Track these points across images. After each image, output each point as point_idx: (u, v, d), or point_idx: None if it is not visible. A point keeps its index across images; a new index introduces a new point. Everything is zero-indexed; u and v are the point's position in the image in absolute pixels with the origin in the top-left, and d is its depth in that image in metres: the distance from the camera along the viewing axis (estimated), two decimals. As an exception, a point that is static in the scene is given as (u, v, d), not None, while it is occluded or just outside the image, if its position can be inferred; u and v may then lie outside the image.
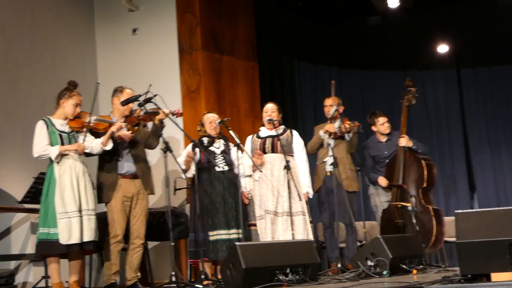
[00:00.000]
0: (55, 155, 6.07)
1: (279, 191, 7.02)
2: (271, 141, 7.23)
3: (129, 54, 9.23)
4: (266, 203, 7.00)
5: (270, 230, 6.90)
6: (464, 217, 4.45)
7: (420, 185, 7.79)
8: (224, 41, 9.42)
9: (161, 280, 7.96)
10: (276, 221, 6.96)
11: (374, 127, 8.38)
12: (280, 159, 7.12)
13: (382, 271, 5.97)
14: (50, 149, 6.09)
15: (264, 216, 6.97)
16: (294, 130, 7.50)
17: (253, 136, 7.43)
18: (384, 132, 8.31)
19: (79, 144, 6.15)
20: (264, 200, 7.02)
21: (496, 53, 11.57)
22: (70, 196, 6.05)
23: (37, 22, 8.29)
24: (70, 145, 6.16)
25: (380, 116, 8.37)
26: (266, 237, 6.88)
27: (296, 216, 6.99)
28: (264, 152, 7.17)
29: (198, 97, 8.88)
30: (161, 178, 8.19)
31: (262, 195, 7.05)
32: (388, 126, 8.33)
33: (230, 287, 5.39)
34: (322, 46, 11.49)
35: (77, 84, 6.38)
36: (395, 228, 7.68)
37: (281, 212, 6.96)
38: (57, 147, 6.09)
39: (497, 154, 11.52)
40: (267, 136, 7.29)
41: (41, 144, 6.12)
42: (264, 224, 6.95)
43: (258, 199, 7.07)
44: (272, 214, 6.96)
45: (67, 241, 5.96)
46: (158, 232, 7.54)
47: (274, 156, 7.16)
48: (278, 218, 6.97)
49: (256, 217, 7.04)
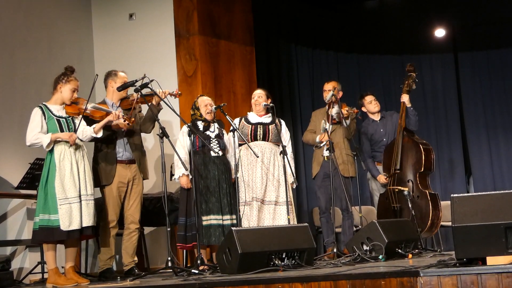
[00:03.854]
0: (46, 143, 6.06)
1: (268, 179, 7.00)
2: (263, 128, 7.20)
3: (125, 40, 9.19)
4: (254, 190, 6.98)
5: (256, 218, 6.88)
6: (460, 201, 4.46)
7: (418, 169, 7.79)
8: (221, 26, 9.38)
9: (157, 265, 7.99)
10: (263, 209, 6.95)
11: (364, 108, 8.38)
12: (270, 147, 7.11)
13: (377, 256, 5.99)
14: (42, 137, 6.08)
15: (251, 202, 6.95)
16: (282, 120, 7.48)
17: (241, 120, 7.34)
18: (373, 111, 8.32)
19: (71, 134, 6.12)
20: (252, 186, 6.99)
21: (493, 37, 11.54)
22: (70, 181, 6.05)
23: (33, 7, 8.25)
24: (62, 134, 6.13)
25: (367, 95, 8.39)
26: (251, 223, 6.86)
27: (283, 206, 6.96)
28: (256, 139, 7.15)
29: (195, 82, 8.85)
30: (157, 163, 8.20)
31: (250, 181, 7.02)
32: (376, 103, 8.33)
33: (226, 272, 5.41)
34: (319, 31, 11.46)
35: (74, 69, 6.36)
36: (392, 212, 7.70)
37: (268, 201, 6.95)
38: (49, 135, 6.07)
39: (494, 138, 11.51)
40: (258, 122, 7.25)
41: (33, 132, 6.11)
42: (250, 211, 6.92)
43: (246, 184, 7.01)
44: (259, 201, 6.95)
45: (68, 227, 5.97)
46: (154, 217, 7.56)
47: (265, 144, 7.13)
48: (265, 206, 6.96)
49: (242, 203, 6.92)
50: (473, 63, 11.69)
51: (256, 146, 7.05)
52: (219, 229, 6.71)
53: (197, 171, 6.77)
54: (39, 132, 6.10)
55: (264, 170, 7.02)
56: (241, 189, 6.91)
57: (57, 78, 6.30)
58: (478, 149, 11.51)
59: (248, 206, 6.94)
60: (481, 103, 11.59)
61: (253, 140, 7.14)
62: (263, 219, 6.92)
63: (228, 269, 5.39)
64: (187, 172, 6.64)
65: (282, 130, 7.26)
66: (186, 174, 6.69)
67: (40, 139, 6.08)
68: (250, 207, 6.93)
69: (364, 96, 8.40)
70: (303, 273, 4.98)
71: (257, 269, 5.24)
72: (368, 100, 8.33)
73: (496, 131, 11.50)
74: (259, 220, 6.90)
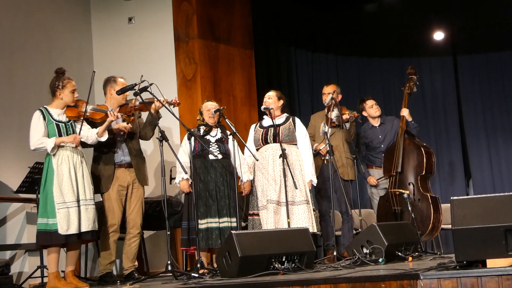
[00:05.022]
0: (51, 148, 6.05)
1: (281, 181, 7.00)
2: (274, 130, 7.19)
3: (125, 43, 9.19)
4: (268, 193, 6.97)
5: (273, 220, 6.88)
6: (459, 204, 4.45)
7: (419, 172, 7.80)
8: (220, 29, 9.38)
9: (157, 269, 7.97)
10: (279, 211, 6.93)
11: (365, 112, 8.38)
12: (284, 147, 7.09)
13: (377, 259, 5.98)
14: (46, 141, 6.07)
15: (267, 205, 6.95)
16: (296, 118, 7.45)
17: (256, 125, 7.40)
18: (374, 115, 8.33)
19: (75, 136, 6.12)
20: (266, 189, 6.99)
21: (492, 39, 11.54)
22: (68, 186, 6.04)
23: (32, 11, 8.25)
24: (66, 137, 6.12)
25: (368, 100, 8.39)
26: (269, 226, 6.84)
27: (300, 205, 6.97)
28: (267, 142, 7.15)
29: (195, 85, 8.85)
30: (157, 167, 8.19)
31: (264, 184, 7.03)
32: (377, 108, 8.34)
33: (226, 275, 5.40)
34: (318, 34, 11.47)
35: (64, 71, 6.31)
36: (393, 215, 7.70)
37: (284, 202, 6.91)
38: (53, 139, 6.07)
39: (493, 141, 11.51)
40: (269, 126, 7.24)
41: (37, 137, 6.09)
42: (267, 214, 6.93)
43: (260, 188, 7.04)
44: (275, 203, 6.93)
45: (66, 231, 5.96)
46: (154, 221, 7.55)
47: (275, 146, 7.11)
48: (281, 208, 6.94)
49: (259, 207, 7.01)
50: (472, 65, 11.69)
51: (268, 149, 7.09)
52: (216, 231, 6.70)
53: (198, 175, 6.76)
54: (43, 136, 6.09)
55: (277, 172, 7.02)
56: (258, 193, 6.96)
57: (53, 85, 6.26)
58: (477, 152, 11.51)
59: (264, 210, 6.94)
60: (480, 106, 11.59)
61: (264, 144, 7.16)
62: (281, 221, 6.89)
63: (228, 273, 5.38)
64: (187, 176, 6.64)
65: (297, 129, 7.26)
66: (186, 178, 6.69)
67: (44, 143, 6.07)
68: (266, 211, 6.93)
69: (365, 100, 8.40)
70: (303, 276, 4.98)
71: (257, 273, 5.24)
72: (369, 104, 8.33)
73: (495, 133, 11.50)
74: (276, 222, 6.89)
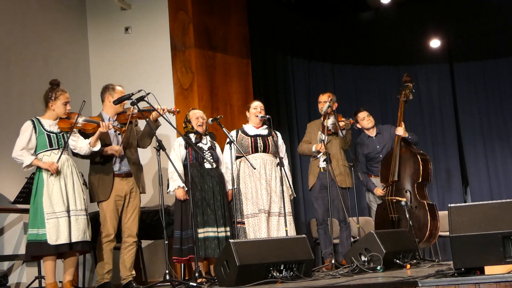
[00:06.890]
0: (26, 164, 6.11)
1: (271, 191, 7.02)
2: (262, 140, 7.20)
3: (121, 53, 9.20)
4: (260, 201, 6.98)
5: (265, 230, 6.89)
6: (457, 211, 4.46)
7: (416, 180, 7.81)
8: (217, 38, 9.40)
9: (155, 278, 7.96)
10: (270, 220, 6.97)
11: (359, 124, 8.41)
12: (271, 159, 7.13)
13: (376, 266, 5.98)
14: (25, 157, 6.11)
15: (258, 214, 6.95)
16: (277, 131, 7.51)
17: (238, 132, 7.35)
18: (367, 127, 8.36)
19: (51, 163, 6.08)
20: (258, 198, 7.00)
21: (488, 47, 11.58)
22: (58, 196, 6.04)
23: (29, 21, 8.25)
24: (43, 163, 6.10)
25: (360, 112, 8.43)
26: (260, 234, 6.86)
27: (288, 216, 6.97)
28: (257, 151, 7.15)
29: (191, 95, 8.85)
30: (154, 176, 8.18)
31: (254, 193, 7.03)
32: (369, 119, 8.37)
33: (225, 284, 5.39)
34: (315, 42, 11.49)
35: (59, 82, 6.35)
36: (390, 222, 7.70)
37: (274, 212, 6.97)
38: (32, 157, 6.10)
39: (490, 148, 11.53)
40: (256, 134, 7.26)
41: (20, 148, 6.14)
42: (258, 222, 6.93)
43: (250, 196, 7.04)
44: (266, 213, 6.96)
45: (55, 241, 5.96)
46: (152, 230, 7.54)
47: (266, 156, 7.15)
48: (272, 218, 6.97)
49: (249, 215, 6.99)
50: (468, 73, 11.72)
51: (258, 158, 7.09)
52: (215, 241, 6.71)
53: (195, 183, 6.76)
54: (26, 149, 6.12)
55: (268, 181, 7.03)
56: (243, 202, 6.94)
57: (46, 96, 6.30)
58: (474, 159, 11.53)
59: (255, 218, 6.94)
60: (477, 113, 11.61)
61: (254, 152, 7.15)
62: (271, 231, 6.94)
63: (226, 282, 5.37)
64: (183, 184, 6.64)
65: (278, 142, 7.29)
66: (182, 186, 6.69)
67: (23, 157, 6.11)
68: (258, 219, 6.93)
69: (357, 113, 8.45)
70: (301, 284, 4.98)
71: (255, 281, 5.23)
72: (361, 117, 8.37)
73: (492, 141, 11.52)
74: (268, 231, 6.91)
